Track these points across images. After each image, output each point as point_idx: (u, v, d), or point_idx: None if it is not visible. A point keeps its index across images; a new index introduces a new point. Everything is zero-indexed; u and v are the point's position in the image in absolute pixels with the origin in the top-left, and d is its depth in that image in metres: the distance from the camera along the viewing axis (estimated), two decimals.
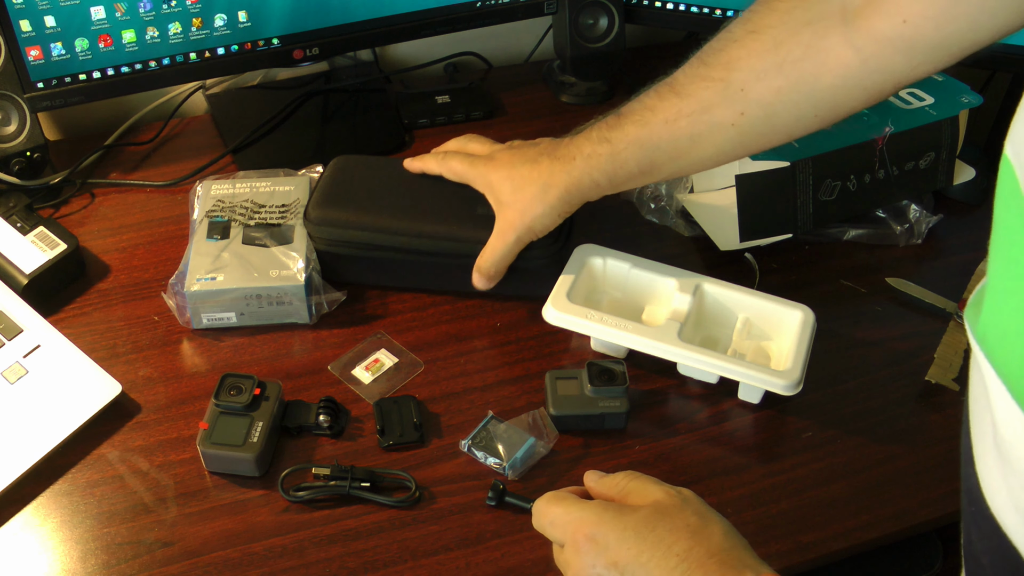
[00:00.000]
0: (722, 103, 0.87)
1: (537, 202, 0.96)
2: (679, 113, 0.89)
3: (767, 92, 0.85)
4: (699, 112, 0.88)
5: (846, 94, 0.83)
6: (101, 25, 1.09)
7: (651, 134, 0.91)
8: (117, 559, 0.84)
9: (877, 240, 1.14)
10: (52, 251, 1.04)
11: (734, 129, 0.88)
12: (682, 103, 0.89)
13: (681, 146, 0.90)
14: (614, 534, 0.65)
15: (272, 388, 0.92)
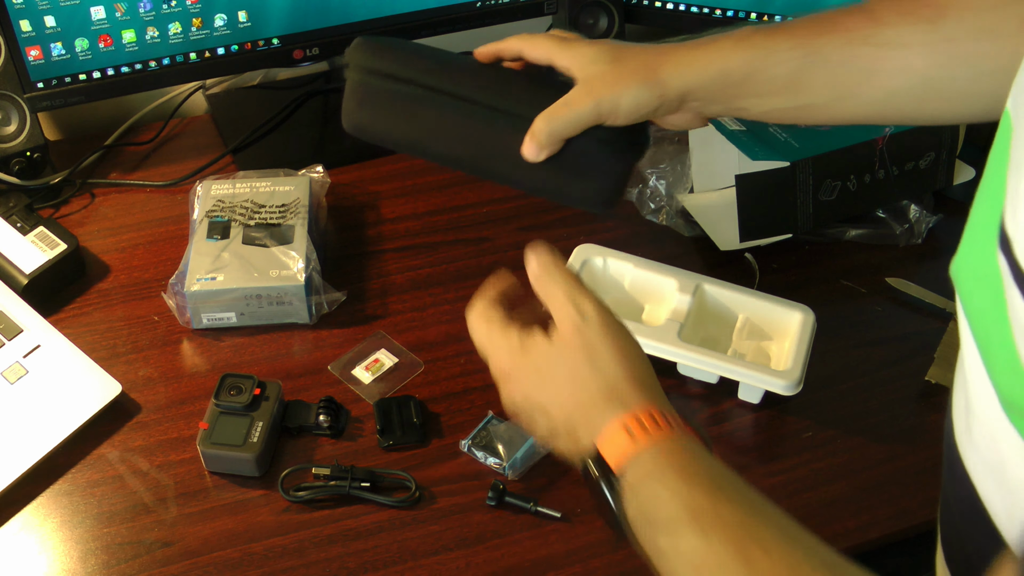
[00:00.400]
0: (921, 46, 0.72)
1: (636, 75, 0.77)
2: (867, 38, 0.73)
3: (973, 53, 0.71)
4: (893, 45, 0.72)
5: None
6: (101, 25, 1.09)
7: (824, 45, 0.74)
8: (117, 559, 0.84)
9: (877, 240, 1.14)
10: (52, 251, 1.04)
11: (920, 81, 0.73)
12: (875, 28, 0.73)
13: (852, 76, 0.74)
14: (522, 373, 0.66)
15: (272, 388, 0.92)
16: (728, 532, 0.54)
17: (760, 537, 0.53)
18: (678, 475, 0.57)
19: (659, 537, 0.56)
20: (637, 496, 0.58)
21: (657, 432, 0.59)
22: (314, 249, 1.03)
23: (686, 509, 0.55)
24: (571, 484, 0.90)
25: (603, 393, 0.62)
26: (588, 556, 0.85)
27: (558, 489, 0.89)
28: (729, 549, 0.53)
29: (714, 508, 0.55)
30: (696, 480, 0.57)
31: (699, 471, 0.57)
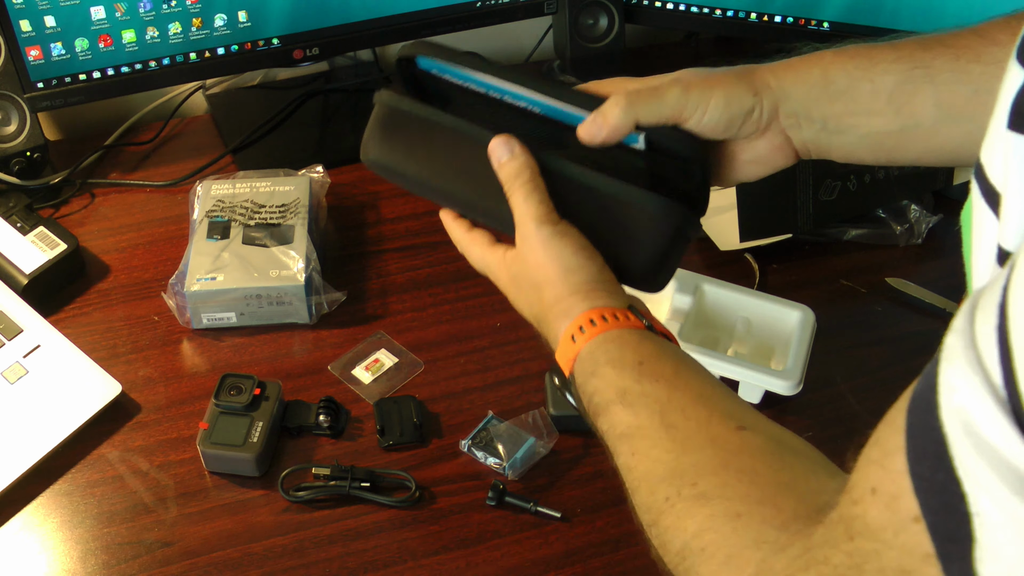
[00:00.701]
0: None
1: (731, 75, 0.70)
2: (978, 56, 0.67)
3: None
4: (1004, 65, 0.66)
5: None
6: (101, 25, 1.09)
7: (932, 59, 0.68)
8: (117, 559, 0.84)
9: (877, 240, 1.14)
10: (52, 251, 1.04)
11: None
12: (986, 47, 0.68)
13: (960, 93, 0.68)
14: (495, 278, 0.73)
15: (272, 388, 0.92)
16: (651, 404, 0.60)
17: (679, 403, 0.59)
18: (609, 365, 0.62)
19: (599, 421, 0.62)
20: (583, 390, 0.64)
21: (593, 330, 0.64)
22: (314, 249, 1.03)
23: (616, 391, 0.61)
24: (571, 484, 0.90)
25: (549, 310, 0.67)
26: (588, 556, 0.85)
27: (558, 489, 0.89)
28: (653, 417, 0.59)
29: (639, 386, 0.61)
30: (624, 365, 0.62)
31: (626, 357, 0.62)
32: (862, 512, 0.43)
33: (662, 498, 0.56)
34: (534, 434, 0.91)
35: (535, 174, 0.68)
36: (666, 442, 0.58)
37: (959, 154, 0.71)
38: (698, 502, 0.54)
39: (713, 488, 0.54)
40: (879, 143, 0.71)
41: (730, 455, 0.56)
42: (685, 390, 0.61)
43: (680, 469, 0.56)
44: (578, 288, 0.66)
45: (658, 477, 0.57)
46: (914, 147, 0.71)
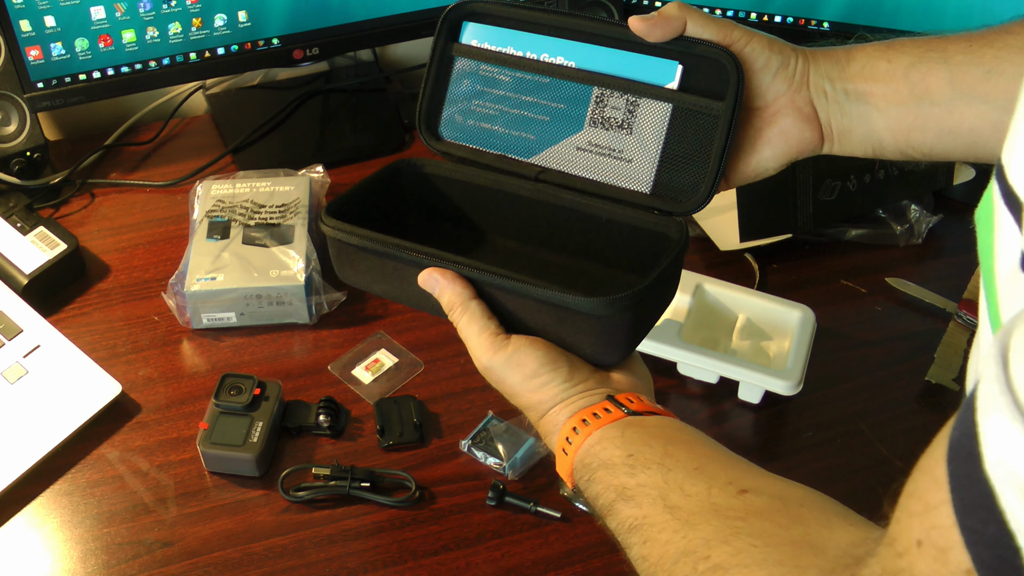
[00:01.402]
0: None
1: (769, 37, 0.73)
2: (990, 42, 0.71)
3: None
4: (1015, 49, 0.70)
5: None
6: (101, 25, 1.09)
7: (947, 44, 0.72)
8: (117, 559, 0.84)
9: (877, 240, 1.14)
10: (52, 251, 1.04)
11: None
12: (999, 36, 0.71)
13: (972, 73, 0.71)
14: (488, 376, 0.72)
15: (272, 388, 0.92)
16: (649, 492, 0.60)
17: (677, 483, 0.60)
18: (602, 468, 0.64)
19: (608, 522, 0.63)
20: (588, 497, 0.65)
21: (578, 439, 0.65)
22: (314, 249, 1.03)
23: (615, 491, 0.62)
24: None
25: (537, 424, 0.70)
26: (588, 556, 0.85)
27: (558, 489, 0.89)
28: (655, 503, 0.60)
29: (634, 479, 0.61)
30: (614, 465, 0.63)
31: (615, 456, 0.63)
32: (908, 565, 0.42)
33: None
34: (534, 434, 0.91)
35: (467, 300, 0.68)
36: (672, 523, 0.58)
37: (975, 139, 0.72)
38: (716, 573, 0.53)
39: (727, 557, 0.53)
40: (897, 120, 0.73)
41: (737, 521, 0.55)
42: (679, 469, 0.61)
43: (691, 546, 0.56)
44: (554, 399, 0.68)
45: (671, 559, 0.57)
46: (931, 128, 0.72)
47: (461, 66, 0.78)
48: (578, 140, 0.75)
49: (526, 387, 0.69)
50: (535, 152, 0.77)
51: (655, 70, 0.74)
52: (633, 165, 0.74)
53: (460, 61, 0.78)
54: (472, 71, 0.78)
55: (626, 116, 0.75)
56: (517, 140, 0.77)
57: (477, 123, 0.79)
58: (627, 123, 0.75)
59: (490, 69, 0.78)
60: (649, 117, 0.74)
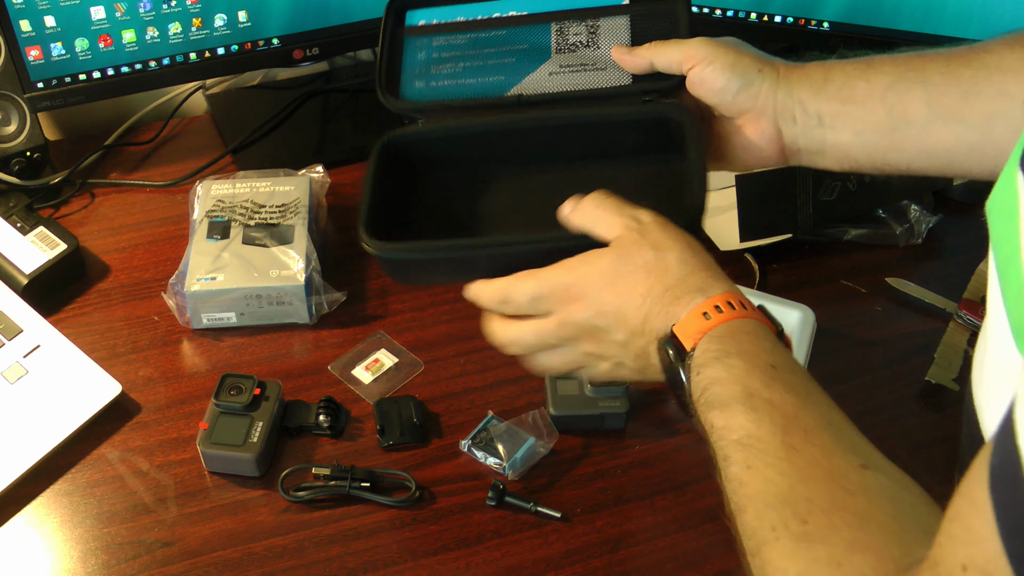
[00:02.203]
0: (1020, 73, 0.70)
1: (742, 48, 0.76)
2: (968, 62, 0.71)
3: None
4: (992, 69, 0.70)
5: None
6: (101, 25, 1.09)
7: (926, 64, 0.72)
8: (117, 559, 0.84)
9: (877, 240, 1.14)
10: (52, 251, 1.04)
11: (1020, 108, 0.69)
12: (977, 55, 0.71)
13: (951, 94, 0.71)
14: (591, 287, 0.67)
15: (272, 388, 0.92)
16: (775, 416, 0.57)
17: (805, 424, 0.57)
18: (740, 358, 0.60)
19: (714, 415, 0.59)
20: (700, 374, 0.61)
21: (731, 314, 0.62)
22: (314, 249, 1.03)
23: (742, 390, 0.58)
24: (571, 484, 0.90)
25: (680, 283, 0.65)
26: (588, 556, 0.85)
27: (558, 489, 0.89)
28: (776, 432, 0.56)
29: (768, 392, 0.58)
30: (756, 363, 0.59)
31: (760, 355, 0.60)
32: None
33: (768, 527, 0.54)
34: (534, 434, 0.91)
35: (601, 196, 0.69)
36: (784, 464, 0.55)
37: (952, 159, 0.73)
38: (803, 543, 0.52)
39: (820, 530, 0.52)
40: (873, 143, 0.73)
41: (847, 494, 0.53)
42: (813, 411, 0.58)
43: (793, 499, 0.54)
44: (709, 266, 0.66)
45: (767, 502, 0.54)
46: (907, 148, 0.73)
47: (413, 44, 0.79)
48: (549, 67, 0.78)
49: (680, 245, 0.66)
50: (508, 88, 0.77)
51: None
52: (608, 71, 0.77)
53: (411, 40, 0.79)
54: (425, 45, 0.79)
55: (589, 38, 0.77)
56: (486, 85, 0.78)
57: (441, 83, 0.79)
58: (592, 42, 0.77)
59: (443, 39, 0.79)
60: (611, 31, 0.77)
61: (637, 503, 0.89)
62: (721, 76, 0.74)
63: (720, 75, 0.74)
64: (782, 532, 0.52)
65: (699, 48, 0.74)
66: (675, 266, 0.65)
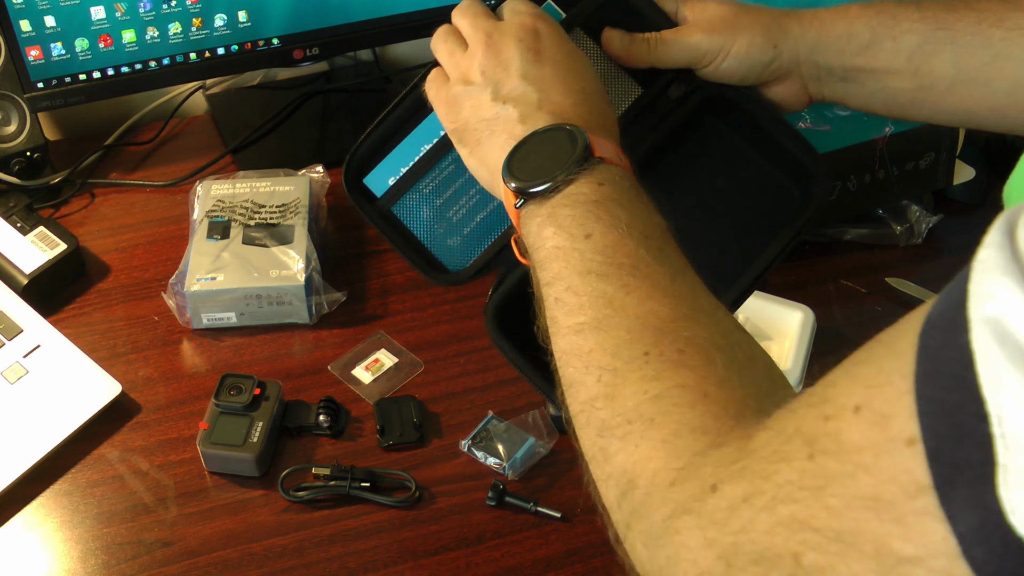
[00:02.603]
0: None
1: (758, 23, 0.72)
2: (1000, 21, 0.69)
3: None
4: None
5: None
6: (101, 25, 1.09)
7: (955, 21, 0.70)
8: (117, 559, 0.84)
9: (877, 240, 1.14)
10: (52, 251, 1.04)
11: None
12: (1009, 13, 0.69)
13: (979, 56, 0.69)
14: (489, 39, 0.65)
15: (272, 388, 0.92)
16: (670, 257, 0.55)
17: (691, 279, 0.55)
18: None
19: (599, 227, 0.56)
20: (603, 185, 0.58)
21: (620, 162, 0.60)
22: (314, 249, 1.03)
23: (644, 229, 0.56)
24: (571, 484, 0.90)
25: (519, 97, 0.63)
26: (588, 556, 0.85)
27: (558, 489, 0.89)
28: (665, 272, 0.54)
29: (661, 242, 0.56)
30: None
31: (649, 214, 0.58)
32: (834, 430, 0.39)
33: (640, 350, 0.51)
34: (534, 434, 0.91)
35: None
36: (671, 301, 0.53)
37: (970, 116, 0.72)
38: (675, 368, 0.50)
39: (696, 361, 0.50)
40: (893, 98, 0.73)
41: (725, 340, 0.51)
42: (690, 278, 0.56)
43: (674, 332, 0.51)
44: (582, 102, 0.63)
45: (646, 327, 0.52)
46: (927, 105, 0.72)
47: (407, 209, 0.76)
48: None
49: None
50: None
51: None
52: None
53: (401, 208, 0.76)
54: (416, 201, 0.76)
55: None
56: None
57: (472, 223, 0.76)
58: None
59: (425, 183, 0.76)
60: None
61: None
62: (738, 68, 0.72)
63: (736, 68, 0.72)
64: (655, 356, 0.50)
65: (706, 46, 0.71)
66: (587, 84, 0.64)
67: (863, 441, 0.37)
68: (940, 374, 0.35)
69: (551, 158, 0.59)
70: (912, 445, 0.35)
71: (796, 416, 0.41)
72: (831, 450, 0.38)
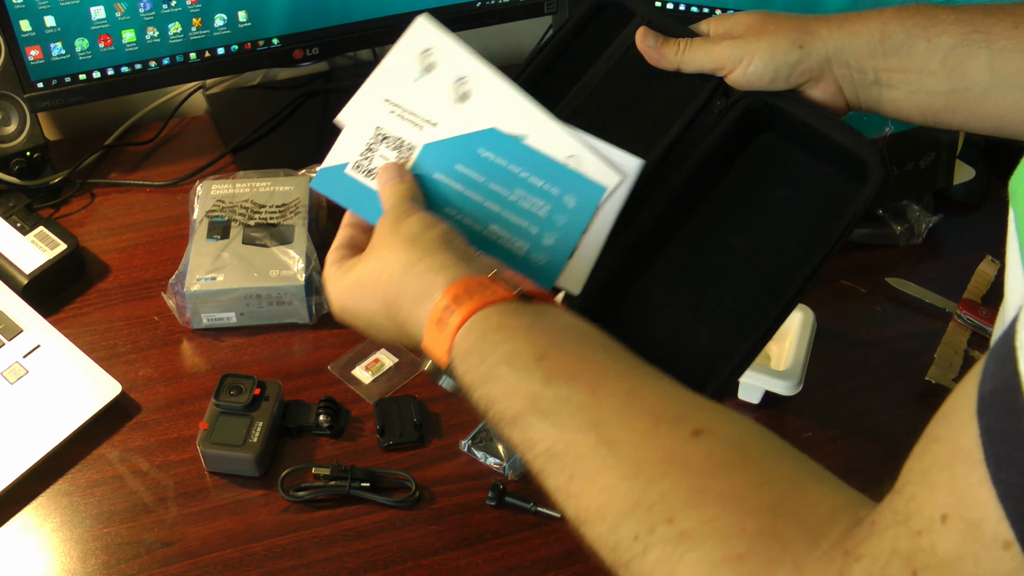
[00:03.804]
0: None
1: (782, 28, 0.71)
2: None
3: None
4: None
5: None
6: (101, 25, 1.09)
7: (992, 25, 0.68)
8: (117, 559, 0.84)
9: (877, 240, 1.14)
10: (52, 251, 1.04)
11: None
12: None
13: (1016, 60, 0.68)
14: (338, 300, 0.65)
15: (272, 388, 0.92)
16: (575, 412, 0.51)
17: (610, 407, 0.51)
18: (505, 365, 0.54)
19: (510, 431, 0.53)
20: (476, 393, 0.55)
21: (465, 309, 0.56)
22: (314, 249, 1.03)
23: (524, 399, 0.52)
24: None
25: (404, 290, 0.60)
26: (588, 556, 0.85)
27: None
28: (587, 434, 0.50)
29: (551, 390, 0.52)
30: (522, 363, 0.53)
31: (522, 351, 0.54)
32: (929, 544, 0.38)
33: (630, 538, 0.47)
34: None
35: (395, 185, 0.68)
36: (612, 463, 0.49)
37: (1005, 123, 0.70)
38: (683, 544, 0.45)
39: (697, 525, 0.45)
40: (927, 103, 0.71)
41: (702, 477, 0.47)
42: (612, 387, 0.52)
43: (645, 501, 0.47)
44: (431, 251, 0.60)
45: (616, 512, 0.48)
46: (961, 110, 0.71)
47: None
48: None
49: (410, 249, 0.61)
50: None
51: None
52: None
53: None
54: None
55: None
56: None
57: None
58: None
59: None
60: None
61: None
62: (764, 74, 0.71)
63: (763, 73, 0.71)
64: (649, 540, 0.46)
65: (730, 52, 0.72)
66: (397, 269, 0.60)
67: (959, 551, 0.37)
68: (1013, 461, 0.35)
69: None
70: (1009, 548, 0.35)
71: (887, 537, 0.41)
72: (931, 564, 0.38)
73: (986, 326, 1.03)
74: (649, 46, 0.74)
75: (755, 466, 0.48)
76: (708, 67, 0.73)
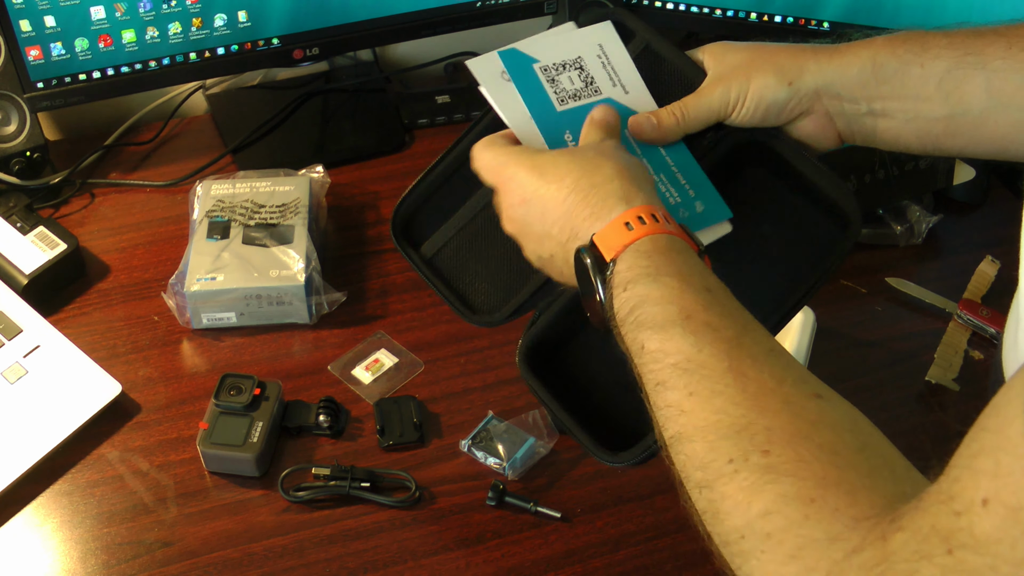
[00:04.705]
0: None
1: (772, 63, 0.71)
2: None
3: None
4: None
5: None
6: (101, 25, 1.09)
7: (985, 47, 0.68)
8: (117, 559, 0.84)
9: (877, 240, 1.14)
10: (52, 251, 1.04)
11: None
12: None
13: (1012, 81, 0.67)
14: (523, 171, 0.67)
15: (272, 388, 0.92)
16: (720, 341, 0.54)
17: (751, 351, 0.54)
18: (675, 277, 0.56)
19: (646, 336, 0.56)
20: (628, 290, 0.57)
21: (655, 227, 0.59)
22: (314, 249, 1.03)
23: (679, 311, 0.55)
24: (571, 484, 0.90)
25: (605, 183, 0.63)
26: (588, 556, 0.85)
27: (558, 489, 0.89)
28: (720, 357, 0.53)
29: (707, 315, 0.55)
30: (691, 284, 0.56)
31: (694, 277, 0.57)
32: (967, 525, 0.40)
33: (724, 459, 0.50)
34: (534, 434, 0.91)
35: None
36: (735, 393, 0.51)
37: (1007, 144, 0.70)
38: (767, 475, 0.48)
39: (786, 462, 0.48)
40: (926, 129, 0.71)
41: (809, 425, 0.50)
42: (755, 336, 0.55)
43: (751, 430, 0.50)
44: (636, 178, 0.63)
45: (721, 433, 0.51)
46: (961, 135, 0.71)
47: (443, 258, 0.82)
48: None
49: (615, 164, 0.64)
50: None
51: None
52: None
53: (437, 256, 0.82)
54: (454, 252, 0.82)
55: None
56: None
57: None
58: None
59: (456, 241, 0.82)
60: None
61: (637, 503, 0.89)
62: (755, 112, 0.72)
63: (754, 113, 0.72)
64: (741, 464, 0.49)
65: (721, 98, 0.72)
66: (610, 171, 0.63)
67: (997, 533, 0.39)
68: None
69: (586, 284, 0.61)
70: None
71: (929, 514, 0.43)
72: (968, 544, 0.40)
73: (986, 326, 1.03)
74: (647, 132, 0.74)
75: (859, 434, 0.51)
76: (711, 120, 0.74)
